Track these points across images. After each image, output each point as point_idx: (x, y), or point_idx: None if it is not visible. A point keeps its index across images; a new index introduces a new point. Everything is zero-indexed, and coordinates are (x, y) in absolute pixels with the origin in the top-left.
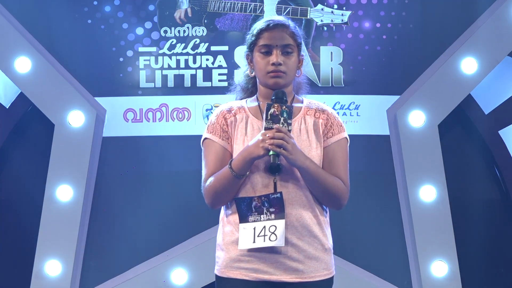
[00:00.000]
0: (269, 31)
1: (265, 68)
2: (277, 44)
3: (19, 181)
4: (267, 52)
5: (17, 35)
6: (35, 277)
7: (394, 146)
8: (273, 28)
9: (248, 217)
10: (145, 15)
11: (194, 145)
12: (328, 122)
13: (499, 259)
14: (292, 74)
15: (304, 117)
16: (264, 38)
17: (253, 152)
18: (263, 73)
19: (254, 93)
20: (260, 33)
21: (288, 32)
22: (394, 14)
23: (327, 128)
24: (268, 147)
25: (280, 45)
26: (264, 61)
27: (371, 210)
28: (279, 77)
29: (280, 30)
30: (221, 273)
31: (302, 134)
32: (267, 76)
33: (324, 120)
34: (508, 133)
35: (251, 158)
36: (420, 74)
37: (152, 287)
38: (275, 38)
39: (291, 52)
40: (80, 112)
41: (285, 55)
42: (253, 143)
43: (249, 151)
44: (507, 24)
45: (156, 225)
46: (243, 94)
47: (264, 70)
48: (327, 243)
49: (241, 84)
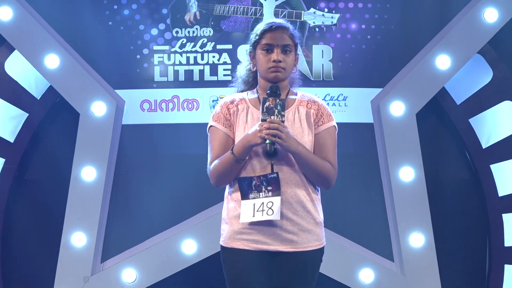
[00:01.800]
0: (271, 32)
1: (266, 64)
2: (278, 44)
3: (49, 163)
4: (268, 50)
5: (46, 35)
6: (63, 248)
7: (377, 132)
8: (275, 30)
9: (248, 194)
10: (159, 17)
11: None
12: (319, 112)
13: (469, 231)
14: (290, 70)
15: (297, 107)
16: (267, 38)
17: (252, 140)
18: (264, 68)
19: (254, 86)
20: (263, 33)
21: (288, 33)
22: (377, 17)
23: (318, 117)
24: (264, 136)
25: (280, 44)
26: (266, 58)
27: (357, 188)
28: (279, 72)
29: (281, 32)
30: (225, 244)
31: (296, 122)
32: (269, 71)
33: (315, 110)
34: (477, 121)
35: (250, 145)
36: (400, 70)
37: (165, 257)
38: (276, 39)
39: (289, 51)
40: (102, 103)
41: (284, 53)
42: (252, 132)
43: (248, 139)
44: (476, 25)
45: (168, 201)
46: (244, 86)
47: (265, 66)
48: (318, 218)
49: (243, 77)
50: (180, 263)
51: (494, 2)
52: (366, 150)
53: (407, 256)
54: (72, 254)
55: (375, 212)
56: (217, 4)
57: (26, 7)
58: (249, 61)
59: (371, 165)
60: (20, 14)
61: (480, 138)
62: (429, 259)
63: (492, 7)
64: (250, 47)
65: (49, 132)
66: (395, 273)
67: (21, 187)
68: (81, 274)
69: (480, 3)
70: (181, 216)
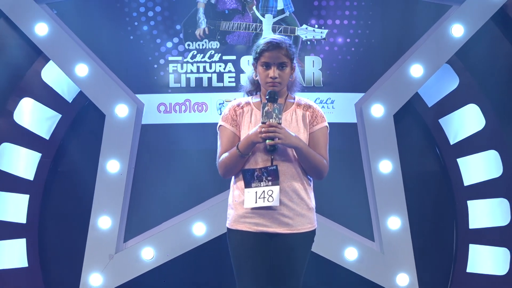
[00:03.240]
0: (268, 51)
1: (265, 79)
2: (274, 62)
3: (79, 157)
4: (267, 67)
5: (77, 47)
6: (91, 230)
7: (360, 131)
8: (272, 50)
9: (251, 183)
10: (173, 32)
11: (210, 131)
12: (314, 114)
13: (439, 215)
14: (286, 82)
15: (295, 110)
16: (265, 57)
17: (254, 139)
18: (263, 82)
19: (258, 90)
20: (261, 52)
21: (283, 52)
22: (360, 32)
23: (313, 119)
24: (263, 137)
25: (276, 63)
26: (264, 73)
27: (343, 179)
28: (275, 86)
29: (277, 51)
30: (231, 226)
31: (293, 122)
32: (266, 85)
33: (310, 113)
34: (445, 121)
35: (252, 143)
36: (380, 77)
37: (178, 237)
38: (273, 58)
39: (285, 67)
40: (125, 105)
41: (280, 69)
42: (253, 132)
43: (251, 138)
44: (445, 39)
45: (181, 189)
46: (249, 90)
47: (264, 80)
48: (311, 204)
49: (248, 84)
50: (192, 243)
51: (460, 19)
52: (351, 146)
53: (385, 237)
54: (99, 235)
55: (358, 199)
56: (223, 21)
57: (59, 23)
58: (253, 71)
59: (355, 159)
60: (54, 30)
61: (448, 135)
62: (405, 240)
63: (458, 23)
64: (253, 60)
65: (79, 130)
66: (375, 252)
67: (55, 177)
68: (106, 252)
69: (448, 20)
70: (192, 202)
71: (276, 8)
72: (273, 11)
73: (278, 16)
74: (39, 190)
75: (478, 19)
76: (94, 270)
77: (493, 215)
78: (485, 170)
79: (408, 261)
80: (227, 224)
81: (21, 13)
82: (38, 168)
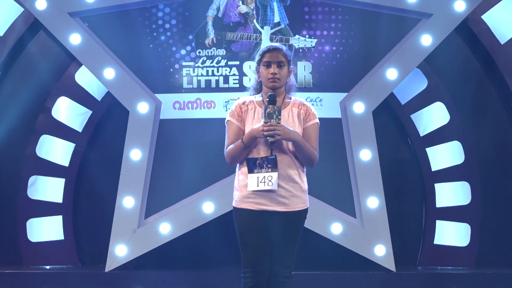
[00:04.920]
0: (269, 52)
1: (266, 76)
2: (274, 61)
3: (107, 147)
4: (268, 66)
5: (105, 54)
6: (117, 208)
7: (344, 125)
8: (272, 51)
9: (254, 170)
10: (186, 42)
11: (217, 124)
12: (307, 112)
13: (410, 196)
14: (284, 79)
15: (291, 108)
16: (266, 57)
17: (256, 135)
18: (265, 79)
19: (260, 91)
20: (263, 54)
21: (281, 53)
22: (344, 41)
23: (306, 116)
24: (265, 135)
25: (276, 61)
26: (266, 71)
27: (330, 165)
28: (275, 81)
29: (276, 52)
30: (237, 205)
31: (289, 118)
32: (268, 81)
33: (304, 111)
34: (416, 117)
35: (255, 137)
36: (361, 79)
37: (191, 214)
38: (273, 57)
39: (283, 66)
40: (145, 103)
41: (279, 67)
42: (256, 129)
43: (254, 134)
44: (415, 47)
45: (193, 174)
46: (254, 91)
47: (266, 77)
48: (304, 187)
49: (253, 86)
50: (202, 219)
51: (428, 30)
52: (337, 137)
53: (365, 214)
54: (124, 213)
55: (342, 182)
56: (228, 32)
57: (90, 34)
58: (256, 74)
59: (340, 148)
60: (86, 39)
61: (418, 128)
62: (382, 217)
63: (427, 34)
64: (256, 64)
65: (107, 124)
66: (357, 227)
67: (86, 164)
68: (130, 227)
69: (418, 31)
70: (202, 185)
71: (273, 21)
72: (270, 24)
73: (275, 28)
74: (73, 175)
75: (444, 30)
76: (119, 242)
77: (456, 195)
78: (449, 158)
79: (384, 235)
80: (233, 204)
81: (58, 25)
82: (72, 156)
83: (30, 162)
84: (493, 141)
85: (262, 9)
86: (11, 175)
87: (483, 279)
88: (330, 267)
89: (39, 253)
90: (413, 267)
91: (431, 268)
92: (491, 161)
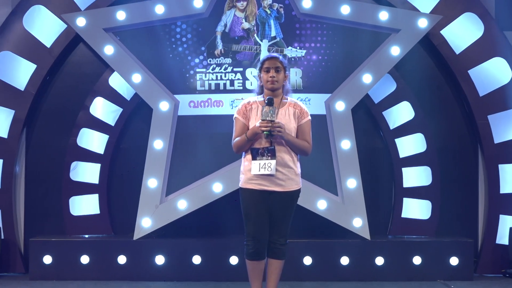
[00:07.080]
0: (268, 60)
1: (266, 79)
2: (272, 67)
3: (135, 138)
4: (267, 71)
5: (133, 62)
6: (143, 188)
7: (328, 120)
8: (270, 59)
9: (256, 157)
10: (199, 52)
11: (225, 120)
12: (301, 111)
13: (382, 178)
14: (281, 82)
15: (288, 107)
16: (266, 64)
17: (256, 130)
18: (265, 82)
19: (262, 93)
20: (263, 61)
21: (278, 61)
22: (328, 51)
23: (301, 114)
24: (262, 130)
25: (274, 67)
26: (266, 75)
27: (318, 153)
28: (274, 84)
29: (274, 60)
30: (242, 186)
31: (286, 116)
32: (268, 83)
33: (298, 110)
34: (387, 113)
35: (255, 133)
36: (342, 83)
37: (203, 193)
38: (271, 63)
39: (280, 71)
40: (166, 102)
41: (276, 72)
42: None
43: (255, 130)
44: (386, 56)
45: (205, 160)
46: (257, 93)
47: (266, 80)
48: (297, 171)
49: (256, 89)
50: (212, 197)
51: (397, 42)
52: (322, 130)
53: (346, 192)
54: (148, 192)
55: (327, 167)
56: (233, 44)
57: (121, 45)
58: (258, 79)
59: (325, 139)
60: (118, 50)
61: (389, 123)
62: (359, 195)
63: (396, 45)
64: (258, 71)
65: (135, 120)
66: (338, 203)
67: (118, 152)
68: (153, 203)
69: (389, 43)
70: (212, 169)
71: (270, 35)
72: (268, 38)
73: (271, 41)
74: (107, 160)
75: (410, 42)
76: (145, 215)
77: (419, 177)
78: (414, 147)
79: (361, 210)
80: (239, 184)
81: (95, 39)
82: (107, 145)
83: (72, 150)
84: (450, 133)
85: (261, 26)
86: (57, 161)
87: (442, 246)
88: (317, 236)
89: (79, 224)
90: (384, 236)
91: (399, 237)
92: (448, 149)
